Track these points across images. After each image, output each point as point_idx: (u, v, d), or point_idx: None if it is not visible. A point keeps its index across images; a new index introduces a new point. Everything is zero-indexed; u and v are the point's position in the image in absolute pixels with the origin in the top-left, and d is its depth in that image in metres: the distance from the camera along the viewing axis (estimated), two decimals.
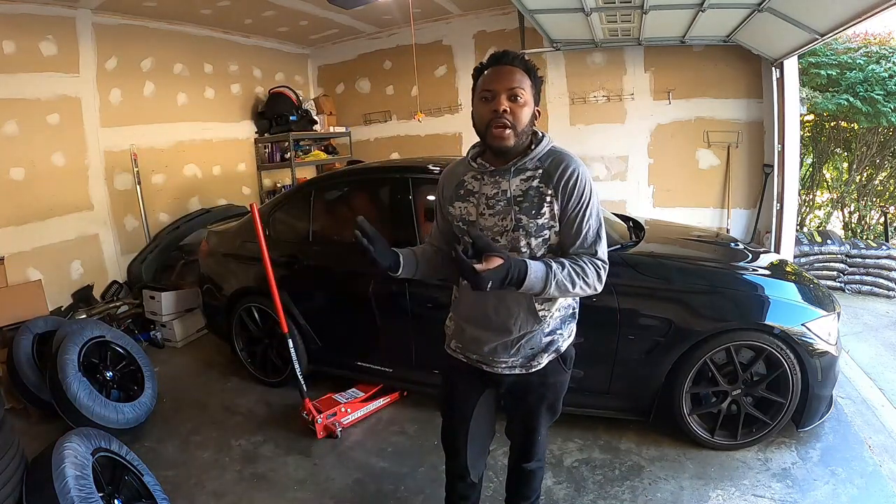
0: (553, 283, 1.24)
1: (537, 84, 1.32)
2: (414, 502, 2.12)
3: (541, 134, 1.37)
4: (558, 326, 1.42)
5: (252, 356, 3.17)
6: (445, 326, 1.58)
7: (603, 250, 1.34)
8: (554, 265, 1.25)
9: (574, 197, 1.30)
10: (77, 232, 3.93)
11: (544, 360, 1.42)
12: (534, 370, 1.43)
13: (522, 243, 1.33)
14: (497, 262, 1.15)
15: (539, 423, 1.53)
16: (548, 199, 1.31)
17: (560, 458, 2.34)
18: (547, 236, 1.33)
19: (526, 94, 1.28)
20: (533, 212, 1.31)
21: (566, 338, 1.45)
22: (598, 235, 1.33)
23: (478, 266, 1.14)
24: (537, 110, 1.33)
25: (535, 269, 1.21)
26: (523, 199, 1.32)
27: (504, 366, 1.43)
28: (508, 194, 1.33)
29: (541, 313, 1.37)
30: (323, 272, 2.90)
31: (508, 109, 1.26)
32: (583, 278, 1.28)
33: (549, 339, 1.41)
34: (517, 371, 1.43)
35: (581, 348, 1.53)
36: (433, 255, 1.52)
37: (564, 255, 1.34)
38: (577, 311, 1.48)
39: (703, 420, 2.35)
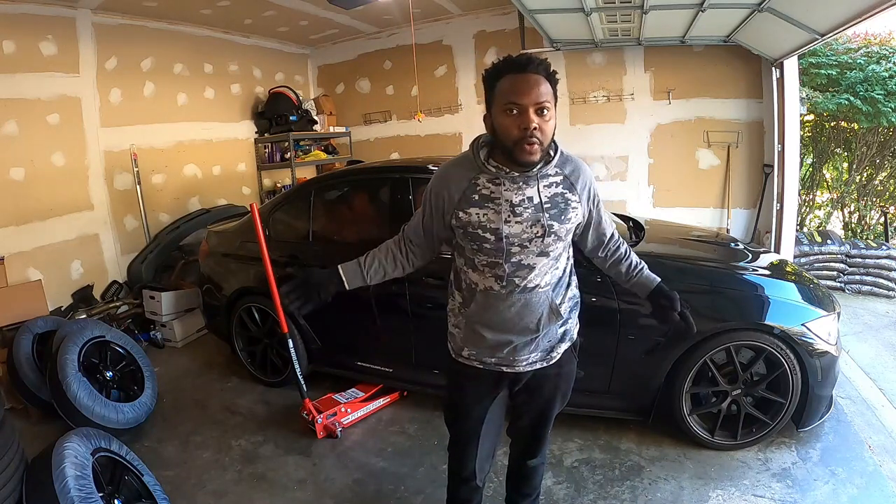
0: None
1: (556, 89, 1.28)
2: (414, 502, 2.12)
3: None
4: (569, 316, 1.46)
5: (252, 356, 3.17)
6: (450, 336, 1.52)
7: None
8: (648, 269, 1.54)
9: (594, 201, 1.43)
10: (77, 232, 3.93)
11: (561, 349, 1.46)
12: (552, 362, 1.46)
13: (551, 248, 1.36)
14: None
15: (553, 414, 1.57)
16: (573, 204, 1.37)
17: (560, 458, 2.34)
18: (568, 240, 1.42)
19: (551, 106, 1.25)
20: (562, 217, 1.35)
21: (575, 324, 1.50)
22: (611, 222, 1.53)
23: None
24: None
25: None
26: (551, 205, 1.33)
27: (525, 362, 1.43)
28: (536, 201, 1.32)
29: (561, 308, 1.42)
30: None
31: (538, 126, 1.23)
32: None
33: (563, 329, 1.45)
34: (537, 365, 1.45)
35: (581, 348, 1.54)
36: (386, 259, 1.50)
37: (598, 249, 1.53)
38: (580, 299, 1.53)
39: (703, 420, 2.35)
